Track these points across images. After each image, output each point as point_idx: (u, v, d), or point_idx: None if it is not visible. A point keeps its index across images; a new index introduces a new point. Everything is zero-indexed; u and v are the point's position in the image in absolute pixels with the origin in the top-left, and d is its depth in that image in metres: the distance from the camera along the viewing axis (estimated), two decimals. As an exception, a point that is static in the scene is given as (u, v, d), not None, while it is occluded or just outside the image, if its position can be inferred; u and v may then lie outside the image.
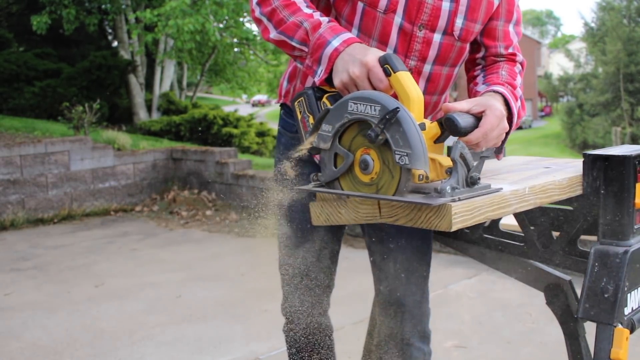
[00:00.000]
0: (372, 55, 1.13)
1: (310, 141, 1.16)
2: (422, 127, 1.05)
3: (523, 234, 1.51)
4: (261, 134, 10.82)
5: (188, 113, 10.49)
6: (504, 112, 1.19)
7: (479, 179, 1.05)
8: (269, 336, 3.12)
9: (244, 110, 25.62)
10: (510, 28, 1.43)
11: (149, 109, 11.93)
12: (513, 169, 1.40)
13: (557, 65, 42.73)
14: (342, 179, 1.13)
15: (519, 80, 1.40)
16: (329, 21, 1.24)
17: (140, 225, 6.17)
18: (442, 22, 1.31)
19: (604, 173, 1.28)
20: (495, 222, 1.58)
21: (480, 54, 1.45)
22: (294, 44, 1.26)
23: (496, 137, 1.17)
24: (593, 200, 1.30)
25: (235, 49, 12.55)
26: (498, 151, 1.31)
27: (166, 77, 12.36)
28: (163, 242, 5.41)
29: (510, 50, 1.44)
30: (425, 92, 1.39)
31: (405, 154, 1.00)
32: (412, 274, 1.51)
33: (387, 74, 1.11)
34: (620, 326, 1.21)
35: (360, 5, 1.31)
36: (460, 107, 1.14)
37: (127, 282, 4.17)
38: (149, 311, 3.57)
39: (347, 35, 1.21)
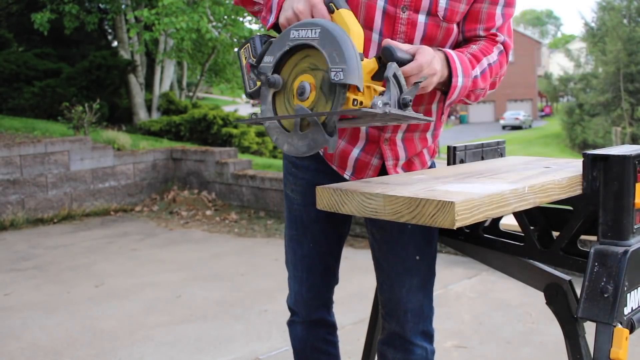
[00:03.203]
0: None
1: (252, 77, 1.19)
2: (361, 57, 1.08)
3: (523, 234, 1.50)
4: (261, 134, 10.82)
5: (188, 113, 10.49)
6: (435, 56, 1.22)
7: (411, 101, 1.09)
8: (269, 336, 3.12)
9: (244, 110, 25.64)
10: (498, 10, 1.39)
11: (149, 109, 11.94)
12: (513, 169, 1.40)
13: (557, 65, 42.74)
14: (279, 107, 1.16)
15: (492, 57, 1.38)
16: None
17: (140, 225, 6.18)
18: (425, 3, 1.32)
19: (603, 173, 1.28)
20: (495, 222, 1.58)
21: (460, 37, 1.42)
22: None
23: (428, 72, 1.21)
24: (593, 200, 1.30)
25: (235, 49, 12.55)
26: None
27: (166, 77, 12.36)
28: (163, 242, 5.41)
29: (492, 31, 1.41)
30: None
31: (340, 69, 1.03)
32: (414, 274, 1.50)
33: (331, 11, 1.16)
34: (619, 326, 1.21)
35: None
36: (399, 44, 1.20)
37: (127, 282, 4.17)
38: (149, 311, 3.57)
39: None
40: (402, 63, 1.15)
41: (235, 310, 3.54)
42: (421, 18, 1.33)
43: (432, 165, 1.58)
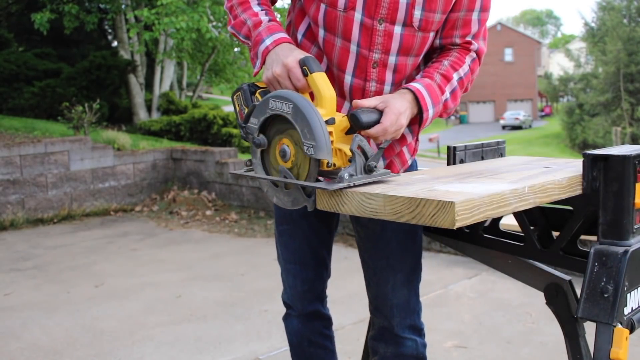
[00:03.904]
0: (293, 57, 1.27)
1: (245, 131, 1.32)
2: (332, 121, 1.21)
3: (523, 234, 1.50)
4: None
5: (188, 113, 10.48)
6: (403, 110, 1.29)
7: (376, 166, 1.19)
8: (269, 336, 3.12)
9: (244, 110, 25.51)
10: (474, 16, 1.43)
11: (148, 109, 11.94)
12: (513, 169, 1.40)
13: (557, 65, 42.76)
14: (267, 163, 1.29)
15: (464, 69, 1.43)
16: (269, 20, 1.38)
17: (140, 225, 6.18)
18: (400, 15, 1.34)
19: (603, 173, 1.28)
20: (495, 222, 1.58)
21: (437, 43, 1.46)
22: (241, 38, 1.43)
23: (394, 132, 1.28)
24: (593, 200, 1.30)
25: (235, 49, 12.55)
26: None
27: (166, 77, 12.36)
28: (163, 242, 5.41)
29: (467, 39, 1.45)
30: (392, 83, 1.42)
31: (311, 145, 1.15)
32: (398, 270, 1.53)
33: (305, 74, 1.25)
34: (619, 326, 1.21)
35: (322, 6, 1.38)
36: (368, 103, 1.28)
37: (127, 282, 4.17)
38: (149, 311, 3.57)
39: (279, 35, 1.35)
40: (369, 125, 1.25)
41: (235, 310, 3.54)
42: (397, 29, 1.36)
43: (413, 164, 1.60)
